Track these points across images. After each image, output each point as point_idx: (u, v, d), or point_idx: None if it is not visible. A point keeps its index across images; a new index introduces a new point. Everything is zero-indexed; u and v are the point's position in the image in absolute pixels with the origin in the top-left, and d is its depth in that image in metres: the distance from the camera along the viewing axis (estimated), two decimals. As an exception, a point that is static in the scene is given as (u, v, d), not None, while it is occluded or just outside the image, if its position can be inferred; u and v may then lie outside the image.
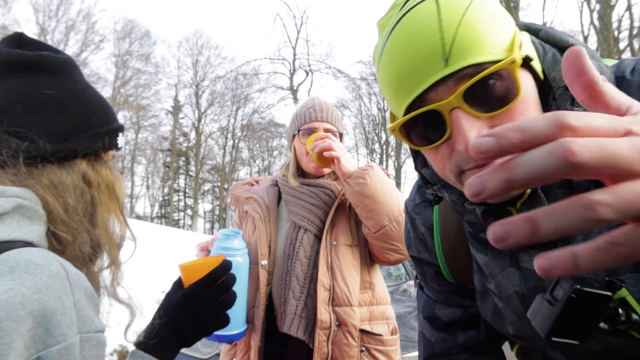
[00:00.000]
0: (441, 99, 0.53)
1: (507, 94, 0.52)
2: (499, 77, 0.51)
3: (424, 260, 0.83)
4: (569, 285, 0.50)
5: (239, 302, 1.22)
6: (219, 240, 1.25)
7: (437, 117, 0.53)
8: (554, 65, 0.58)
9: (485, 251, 0.69)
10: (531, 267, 0.63)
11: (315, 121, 1.47)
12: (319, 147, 1.35)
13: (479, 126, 0.52)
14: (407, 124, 0.57)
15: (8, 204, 0.59)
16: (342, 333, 1.32)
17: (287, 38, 36.81)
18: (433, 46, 0.51)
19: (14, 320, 0.49)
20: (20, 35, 0.73)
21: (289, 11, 49.38)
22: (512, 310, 0.67)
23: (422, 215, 0.82)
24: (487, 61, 0.51)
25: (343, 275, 1.36)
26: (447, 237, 0.77)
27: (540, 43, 0.61)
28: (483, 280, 0.72)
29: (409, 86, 0.54)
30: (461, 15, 0.52)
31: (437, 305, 0.85)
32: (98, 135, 0.73)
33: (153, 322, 0.80)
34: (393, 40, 0.56)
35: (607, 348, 0.60)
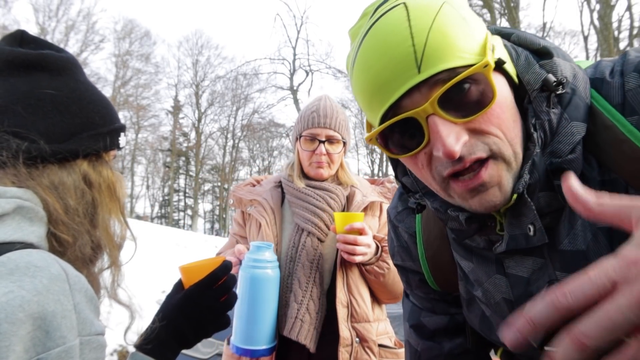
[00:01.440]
0: (416, 106, 0.52)
1: (483, 98, 0.52)
2: (474, 82, 0.51)
3: (408, 268, 0.83)
4: None
5: (269, 317, 1.22)
6: (250, 252, 1.25)
7: (414, 124, 0.53)
8: (527, 68, 0.58)
9: (470, 258, 0.68)
10: (518, 274, 0.62)
11: (317, 127, 1.44)
12: (343, 247, 1.31)
13: (456, 131, 0.51)
14: (384, 133, 0.56)
15: (8, 205, 0.59)
16: (363, 349, 1.33)
17: (287, 38, 36.86)
18: (405, 53, 0.51)
19: (14, 322, 0.49)
20: (22, 33, 0.72)
21: (289, 11, 49.42)
22: (501, 317, 0.67)
23: (404, 223, 0.81)
24: (460, 66, 0.51)
25: (359, 291, 1.37)
26: (431, 244, 0.76)
27: (513, 46, 0.60)
28: (469, 288, 0.72)
29: (382, 94, 0.54)
30: (431, 21, 0.51)
31: (422, 313, 0.84)
32: (99, 136, 0.72)
33: (153, 323, 0.80)
34: (364, 48, 0.55)
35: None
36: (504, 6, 16.68)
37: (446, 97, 0.51)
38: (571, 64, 0.58)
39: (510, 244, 0.58)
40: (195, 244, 11.97)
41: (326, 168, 1.46)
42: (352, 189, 1.50)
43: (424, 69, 0.51)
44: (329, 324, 1.35)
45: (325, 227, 1.41)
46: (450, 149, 0.50)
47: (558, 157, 0.54)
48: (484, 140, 0.53)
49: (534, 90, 0.56)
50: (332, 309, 1.36)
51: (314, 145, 1.45)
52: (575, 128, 0.55)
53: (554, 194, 0.55)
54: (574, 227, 0.56)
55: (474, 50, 0.52)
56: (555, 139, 0.55)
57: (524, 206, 0.55)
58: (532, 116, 0.56)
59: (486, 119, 0.52)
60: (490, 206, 0.55)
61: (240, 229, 1.57)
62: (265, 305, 1.22)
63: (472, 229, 0.62)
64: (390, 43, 0.52)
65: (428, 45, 0.50)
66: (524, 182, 0.54)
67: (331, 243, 1.40)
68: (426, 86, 0.51)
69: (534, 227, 0.56)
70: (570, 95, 0.55)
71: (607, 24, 14.98)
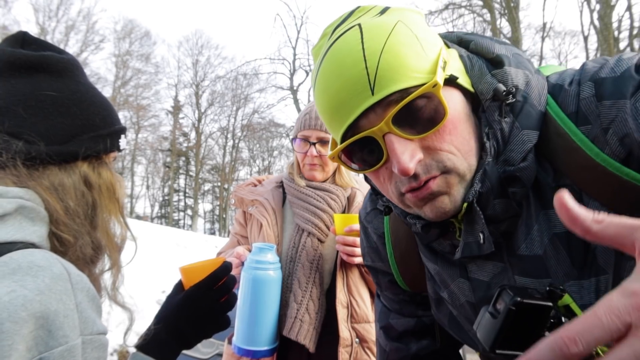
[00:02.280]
0: (373, 125, 0.54)
1: (435, 115, 0.53)
2: (426, 100, 0.53)
3: (378, 269, 0.83)
4: (510, 297, 0.50)
5: (270, 318, 1.23)
6: (252, 254, 1.26)
7: (372, 142, 0.55)
8: (480, 78, 0.59)
9: (435, 260, 0.69)
10: (479, 278, 0.63)
11: (308, 129, 1.45)
12: (342, 249, 1.33)
13: (411, 148, 0.53)
14: (347, 150, 0.58)
15: (10, 205, 0.59)
16: (363, 349, 1.34)
17: (287, 38, 36.85)
18: (359, 75, 0.53)
19: (16, 322, 0.49)
20: (24, 34, 0.73)
21: (289, 11, 49.37)
22: (466, 318, 0.68)
23: (373, 224, 0.82)
24: (412, 86, 0.52)
25: (359, 290, 1.38)
26: (398, 245, 0.77)
27: (469, 56, 0.61)
28: (436, 289, 0.73)
29: (340, 116, 0.56)
30: (383, 42, 0.53)
31: (391, 315, 0.85)
32: (100, 137, 0.72)
33: (154, 324, 0.80)
34: (323, 70, 0.57)
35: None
36: (504, 6, 16.67)
37: (400, 116, 0.53)
38: (524, 71, 0.58)
39: (465, 251, 0.60)
40: (195, 244, 11.96)
41: (319, 171, 1.47)
42: (353, 190, 1.50)
43: (377, 90, 0.52)
44: (329, 324, 1.35)
45: (325, 227, 1.41)
46: (405, 166, 0.52)
47: (511, 166, 0.55)
48: (438, 158, 0.55)
49: (486, 99, 0.57)
50: (331, 309, 1.36)
51: (306, 147, 1.45)
52: (527, 136, 0.56)
53: (509, 201, 0.57)
54: (531, 232, 0.57)
55: (426, 69, 0.54)
56: (508, 148, 0.56)
57: (475, 215, 0.57)
58: (485, 125, 0.57)
59: (439, 137, 0.54)
60: (441, 213, 0.57)
61: (242, 228, 1.57)
62: (267, 307, 1.23)
63: (433, 234, 0.64)
64: (345, 65, 0.54)
65: (380, 67, 0.52)
66: (474, 192, 0.55)
67: (331, 244, 1.41)
68: (380, 107, 0.53)
69: (483, 235, 0.57)
70: (522, 104, 0.56)
71: (607, 24, 14.97)
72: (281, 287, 1.35)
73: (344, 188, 1.49)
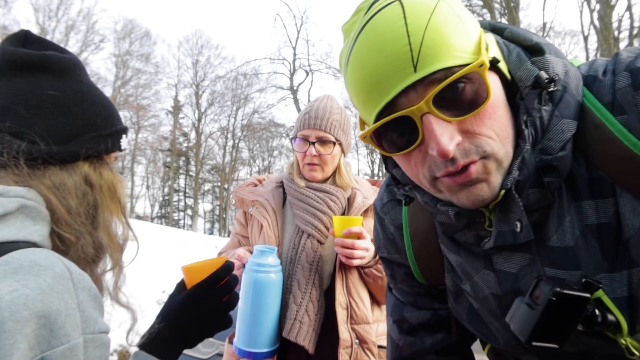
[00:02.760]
0: (412, 105, 0.52)
1: (477, 98, 0.52)
2: (468, 81, 0.51)
3: (394, 261, 0.82)
4: (549, 287, 0.50)
5: (271, 320, 1.24)
6: (253, 256, 1.26)
7: (409, 122, 0.53)
8: (519, 65, 0.58)
9: (458, 252, 0.68)
10: (506, 269, 0.62)
11: (307, 128, 1.44)
12: (341, 251, 1.32)
13: (450, 130, 0.52)
14: (378, 131, 0.56)
15: (12, 204, 0.59)
16: (363, 350, 1.34)
17: (287, 38, 36.84)
18: (401, 51, 0.51)
19: (18, 321, 0.49)
20: (26, 33, 0.72)
21: (289, 11, 49.38)
22: (488, 311, 0.67)
23: (390, 215, 0.81)
24: (456, 65, 0.51)
25: (359, 293, 1.38)
26: (417, 237, 0.76)
27: (505, 43, 0.61)
28: (457, 281, 0.72)
29: (378, 93, 0.54)
30: (427, 19, 0.51)
31: (405, 308, 0.83)
32: (101, 137, 0.72)
33: (156, 323, 0.80)
34: (359, 45, 0.55)
35: (582, 349, 0.60)
36: (504, 6, 16.68)
37: (441, 96, 0.51)
38: (563, 60, 0.58)
39: (498, 240, 0.59)
40: (195, 244, 11.96)
41: (319, 170, 1.46)
42: (353, 191, 1.50)
43: (420, 68, 0.51)
44: (328, 325, 1.35)
45: (325, 229, 1.41)
46: (444, 148, 0.51)
47: (548, 155, 0.55)
48: (477, 142, 0.53)
49: (525, 87, 0.57)
50: (331, 310, 1.36)
51: (305, 147, 1.45)
52: (566, 125, 0.55)
53: (544, 191, 0.56)
54: (563, 223, 0.57)
55: (469, 49, 0.52)
56: (546, 136, 0.55)
57: (512, 202, 0.56)
58: (524, 113, 0.56)
59: (479, 120, 0.53)
60: (478, 201, 0.56)
61: (242, 228, 1.57)
62: (268, 309, 1.24)
63: (461, 224, 0.63)
64: (386, 41, 0.52)
65: (424, 44, 0.50)
66: (512, 179, 0.54)
67: (331, 245, 1.40)
68: (422, 85, 0.51)
69: (520, 224, 0.56)
70: (562, 93, 0.56)
71: (607, 24, 14.97)
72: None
73: (344, 189, 1.49)
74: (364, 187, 1.53)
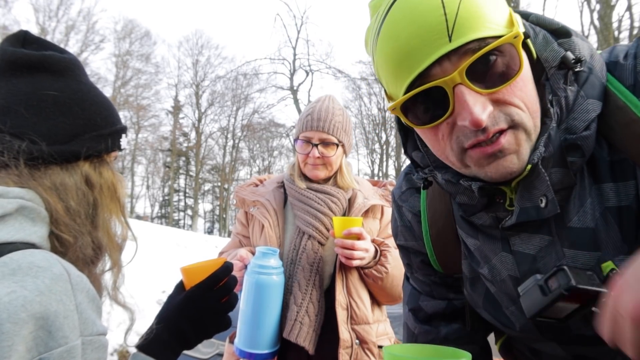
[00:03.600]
0: (445, 75, 0.53)
1: (509, 70, 0.53)
2: (501, 53, 0.52)
3: (411, 248, 0.83)
4: (566, 282, 0.51)
5: (272, 322, 1.25)
6: (255, 258, 1.27)
7: (439, 94, 0.53)
8: (545, 46, 0.59)
9: (476, 235, 0.69)
10: (524, 251, 0.63)
11: (310, 130, 1.44)
12: (341, 252, 1.33)
13: (482, 102, 0.52)
14: (405, 105, 0.57)
15: (11, 205, 0.59)
16: (363, 351, 1.34)
17: (287, 38, 36.81)
18: (436, 22, 0.51)
19: (16, 322, 0.49)
20: (25, 33, 0.72)
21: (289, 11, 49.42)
22: (506, 294, 0.67)
23: (408, 203, 0.81)
24: (490, 36, 0.52)
25: (359, 293, 1.38)
26: (435, 222, 0.76)
27: (531, 26, 0.61)
28: (474, 266, 0.72)
29: (411, 62, 0.54)
30: None
31: (421, 297, 0.84)
32: (101, 137, 0.73)
33: (155, 324, 0.80)
34: (392, 16, 0.55)
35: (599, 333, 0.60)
36: (504, 6, 16.67)
37: (474, 67, 0.52)
38: (588, 44, 0.59)
39: (521, 216, 0.59)
40: (195, 244, 11.96)
41: (322, 169, 1.46)
42: (354, 192, 1.50)
43: (455, 37, 0.51)
44: (328, 326, 1.35)
45: (326, 230, 1.41)
46: (477, 118, 0.51)
47: (572, 134, 0.55)
48: (507, 111, 0.54)
49: (551, 67, 0.57)
50: (331, 311, 1.36)
51: (308, 149, 1.45)
52: (591, 105, 0.56)
53: (567, 171, 0.56)
54: (584, 204, 0.57)
55: (502, 22, 0.53)
56: (571, 116, 0.56)
57: (537, 178, 0.56)
58: (550, 92, 0.57)
59: (510, 91, 0.53)
60: (507, 173, 0.56)
61: (243, 228, 1.57)
62: (269, 311, 1.25)
63: (480, 203, 0.63)
64: (421, 11, 0.52)
65: (459, 14, 0.51)
66: (539, 154, 0.55)
67: (332, 246, 1.40)
68: (456, 55, 0.52)
69: (546, 199, 0.56)
70: (588, 74, 0.57)
71: (607, 24, 14.98)
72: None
73: (345, 190, 1.49)
74: (364, 188, 1.53)
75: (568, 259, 0.58)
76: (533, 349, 0.73)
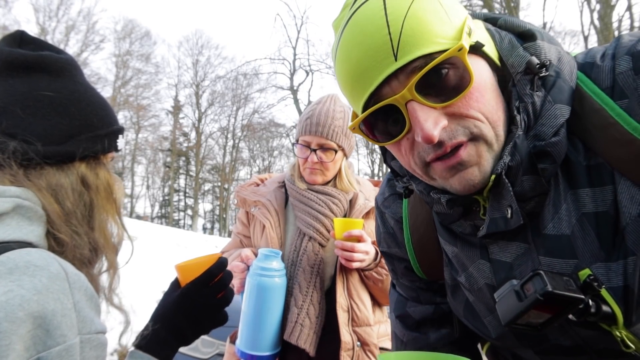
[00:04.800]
0: (395, 93, 0.53)
1: (460, 82, 0.52)
2: (451, 66, 0.52)
3: (394, 255, 0.82)
4: (541, 286, 0.50)
5: (273, 324, 1.25)
6: (257, 260, 1.27)
7: (394, 111, 0.54)
8: (510, 51, 0.58)
9: (454, 242, 0.68)
10: (501, 259, 0.62)
11: (309, 135, 1.42)
12: (340, 254, 1.32)
13: (435, 116, 0.52)
14: (368, 121, 0.57)
15: (7, 204, 0.59)
16: (364, 353, 1.34)
17: (288, 38, 36.85)
18: (381, 42, 0.52)
19: (14, 321, 0.49)
20: (22, 33, 0.72)
21: (289, 11, 49.41)
22: (483, 303, 0.67)
23: (391, 209, 0.81)
24: (436, 51, 0.51)
25: (359, 294, 1.38)
26: (417, 229, 0.76)
27: (497, 30, 0.61)
28: (453, 274, 0.71)
29: (363, 83, 0.55)
30: (407, 8, 0.52)
31: (408, 303, 0.83)
32: (98, 138, 0.72)
33: (151, 322, 0.80)
34: (344, 39, 0.56)
35: (577, 342, 0.59)
36: (504, 6, 16.68)
37: (424, 82, 0.51)
38: (557, 47, 0.58)
39: (490, 227, 0.59)
40: (195, 244, 11.97)
41: (319, 174, 1.45)
42: (355, 193, 1.49)
43: (401, 56, 0.51)
44: (329, 327, 1.35)
45: (326, 232, 1.41)
46: (429, 133, 0.51)
47: (542, 140, 0.55)
48: (464, 124, 0.53)
49: (517, 73, 0.57)
50: (331, 312, 1.36)
51: (307, 153, 1.43)
52: (559, 110, 0.55)
53: (538, 178, 0.56)
54: (559, 211, 0.56)
55: (450, 35, 0.52)
56: (539, 122, 0.55)
57: (503, 188, 0.56)
58: (516, 99, 0.56)
59: (465, 103, 0.53)
60: (470, 185, 0.56)
61: (244, 228, 1.57)
62: (271, 313, 1.25)
63: (457, 212, 0.63)
64: (367, 32, 0.53)
65: (403, 32, 0.51)
66: (503, 164, 0.54)
67: (332, 248, 1.40)
68: (403, 73, 0.52)
69: (511, 210, 0.56)
70: (555, 78, 0.56)
71: (607, 24, 14.97)
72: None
73: (346, 191, 1.48)
74: (366, 189, 1.53)
75: (544, 267, 0.57)
76: (516, 355, 0.72)
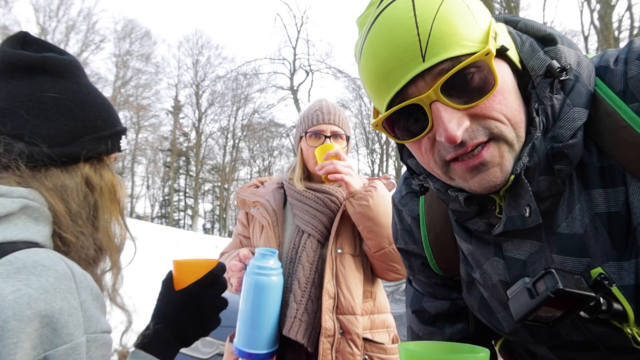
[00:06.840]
0: (421, 93, 0.54)
1: (485, 85, 0.54)
2: (476, 69, 0.53)
3: (411, 252, 0.84)
4: (552, 284, 0.51)
5: (271, 322, 1.26)
6: (254, 259, 1.28)
7: (419, 110, 0.55)
8: (531, 55, 0.59)
9: (469, 240, 0.70)
10: (515, 256, 0.64)
11: (322, 124, 1.48)
12: (324, 170, 1.35)
13: (458, 117, 0.54)
14: (390, 119, 0.59)
15: (14, 204, 0.60)
16: (346, 341, 1.34)
17: (288, 38, 36.77)
18: (410, 42, 0.53)
19: (21, 320, 0.50)
20: (25, 35, 0.73)
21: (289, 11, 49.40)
22: (497, 299, 0.68)
23: (408, 207, 0.82)
24: (463, 54, 0.53)
25: (347, 283, 1.38)
26: (434, 227, 0.77)
27: (518, 34, 0.62)
28: (469, 270, 0.73)
29: (389, 82, 0.56)
30: (436, 10, 0.53)
31: (424, 299, 0.85)
32: (101, 139, 0.73)
33: (152, 322, 0.80)
34: (371, 37, 0.57)
35: (589, 338, 0.61)
36: (504, 6, 16.66)
37: (449, 84, 0.53)
38: (576, 51, 0.59)
39: (507, 225, 0.60)
40: (195, 243, 11.97)
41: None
42: None
43: (428, 57, 0.53)
44: None
45: (325, 229, 1.43)
46: (452, 134, 0.53)
47: (559, 142, 0.56)
48: (485, 124, 0.55)
49: (537, 76, 0.58)
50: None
51: (319, 141, 1.48)
52: (577, 114, 0.56)
53: (554, 178, 0.57)
54: (572, 211, 0.58)
55: (477, 39, 0.54)
56: (557, 124, 0.57)
57: (521, 188, 0.57)
58: (536, 101, 0.58)
59: (488, 105, 0.54)
60: (490, 186, 0.57)
61: (244, 229, 1.59)
62: (268, 311, 1.26)
63: (472, 210, 0.64)
64: (396, 32, 0.54)
65: (432, 34, 0.52)
66: (522, 164, 0.56)
67: (331, 246, 1.42)
68: (430, 74, 0.54)
69: (529, 209, 0.57)
70: (574, 82, 0.57)
71: (607, 24, 14.96)
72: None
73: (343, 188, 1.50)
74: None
75: (556, 265, 0.59)
76: (529, 350, 0.74)
